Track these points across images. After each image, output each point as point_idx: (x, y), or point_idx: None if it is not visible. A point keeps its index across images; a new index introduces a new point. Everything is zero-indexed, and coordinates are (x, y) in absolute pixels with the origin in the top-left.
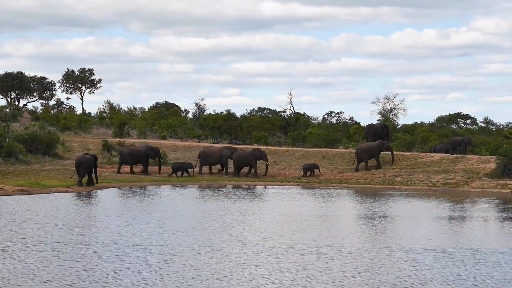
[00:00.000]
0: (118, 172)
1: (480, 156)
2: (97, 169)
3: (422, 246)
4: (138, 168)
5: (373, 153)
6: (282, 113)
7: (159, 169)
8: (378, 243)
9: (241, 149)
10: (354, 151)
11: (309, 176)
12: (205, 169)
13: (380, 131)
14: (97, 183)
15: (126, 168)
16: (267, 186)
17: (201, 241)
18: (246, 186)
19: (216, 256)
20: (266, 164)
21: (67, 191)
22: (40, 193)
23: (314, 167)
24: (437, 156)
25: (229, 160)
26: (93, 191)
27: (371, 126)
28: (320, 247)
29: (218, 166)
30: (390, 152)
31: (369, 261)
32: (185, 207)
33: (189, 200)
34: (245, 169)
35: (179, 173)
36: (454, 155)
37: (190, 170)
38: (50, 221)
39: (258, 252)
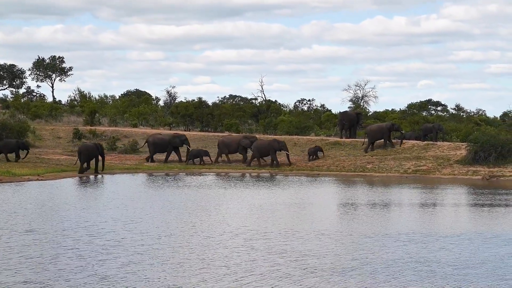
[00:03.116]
0: (148, 161)
1: (451, 143)
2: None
3: (374, 231)
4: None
5: (382, 134)
6: (254, 101)
7: (187, 156)
8: (331, 228)
9: (261, 139)
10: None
11: (314, 159)
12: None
13: (354, 118)
14: (102, 170)
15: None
16: (236, 174)
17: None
18: (218, 174)
19: (163, 242)
20: (286, 154)
21: (37, 180)
22: (10, 182)
23: (318, 150)
24: (408, 143)
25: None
26: (64, 179)
27: (344, 113)
28: (271, 232)
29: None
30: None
31: (316, 245)
32: (133, 194)
33: (141, 187)
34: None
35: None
36: (425, 142)
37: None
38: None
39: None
